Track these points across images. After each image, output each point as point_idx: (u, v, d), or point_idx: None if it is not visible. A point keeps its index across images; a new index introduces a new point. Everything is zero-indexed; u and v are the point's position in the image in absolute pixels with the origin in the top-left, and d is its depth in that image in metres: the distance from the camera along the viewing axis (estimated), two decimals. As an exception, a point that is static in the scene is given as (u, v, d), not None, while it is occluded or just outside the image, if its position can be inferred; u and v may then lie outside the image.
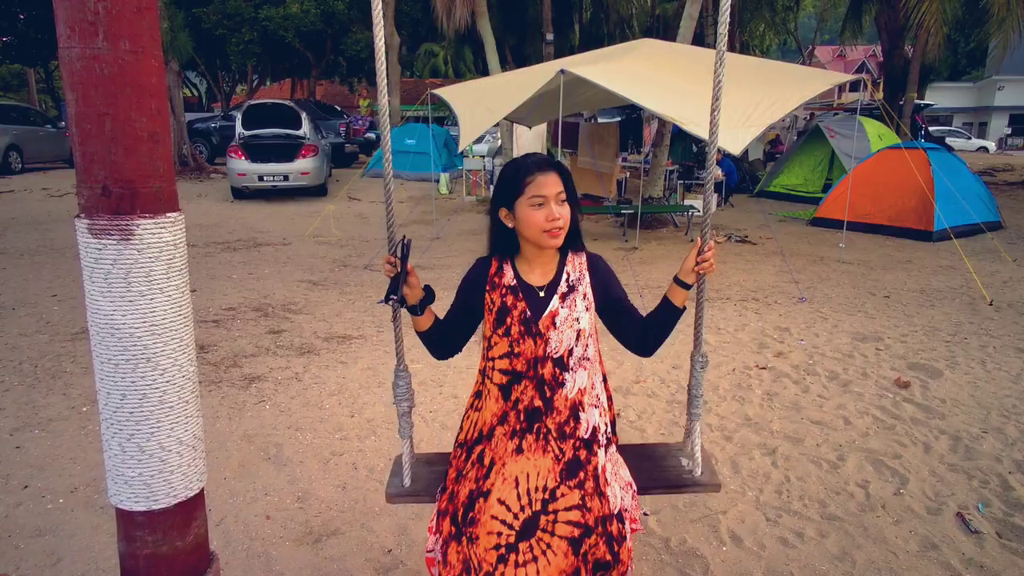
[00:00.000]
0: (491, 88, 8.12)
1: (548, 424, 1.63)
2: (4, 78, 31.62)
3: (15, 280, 6.28)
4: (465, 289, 1.75)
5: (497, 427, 1.67)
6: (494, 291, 1.68)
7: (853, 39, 19.24)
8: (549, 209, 1.59)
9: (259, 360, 4.36)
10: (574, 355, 1.64)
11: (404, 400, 1.88)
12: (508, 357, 1.65)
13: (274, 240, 8.79)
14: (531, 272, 1.69)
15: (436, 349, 1.82)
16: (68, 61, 1.25)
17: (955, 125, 35.73)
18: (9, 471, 2.95)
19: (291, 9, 19.65)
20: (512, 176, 1.63)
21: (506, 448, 1.64)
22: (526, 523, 1.52)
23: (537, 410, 1.64)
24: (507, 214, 1.66)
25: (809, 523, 2.63)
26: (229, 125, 16.30)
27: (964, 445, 3.26)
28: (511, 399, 1.65)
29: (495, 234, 1.71)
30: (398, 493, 1.88)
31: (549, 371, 1.63)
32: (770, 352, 4.58)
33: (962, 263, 6.98)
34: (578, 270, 1.70)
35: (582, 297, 1.67)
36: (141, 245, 1.31)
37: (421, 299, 1.73)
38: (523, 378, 1.64)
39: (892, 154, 9.37)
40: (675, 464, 2.01)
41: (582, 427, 1.65)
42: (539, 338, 1.63)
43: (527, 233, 1.62)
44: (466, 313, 1.75)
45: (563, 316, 1.64)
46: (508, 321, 1.64)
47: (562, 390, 1.64)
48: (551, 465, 1.60)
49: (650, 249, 8.41)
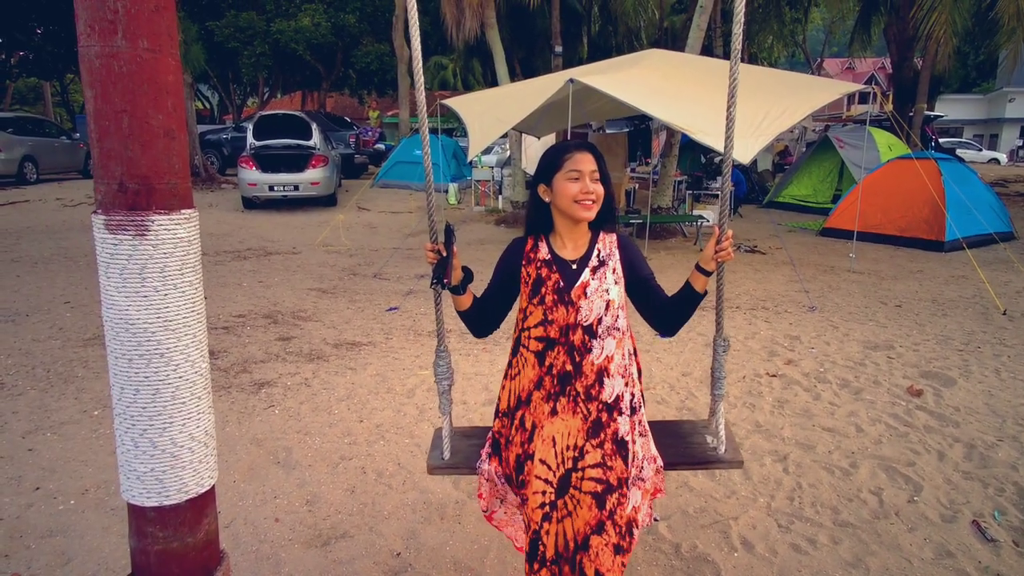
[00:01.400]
0: (500, 98, 8.17)
1: (577, 387, 1.74)
2: (21, 92, 32.09)
3: (29, 287, 6.34)
4: (503, 265, 1.87)
5: (534, 392, 1.78)
6: (529, 265, 1.80)
7: (862, 51, 19.23)
8: (584, 183, 1.72)
9: (268, 366, 4.38)
10: (603, 324, 1.74)
11: (444, 379, 1.97)
12: (543, 325, 1.76)
13: (284, 249, 8.84)
14: (564, 247, 1.81)
15: (476, 326, 1.92)
16: (87, 59, 1.26)
17: (966, 137, 35.53)
18: (21, 473, 2.96)
19: (302, 22, 19.87)
20: (553, 155, 1.78)
21: (543, 411, 1.76)
22: (561, 480, 1.66)
23: (568, 374, 1.75)
24: (545, 189, 1.79)
25: (822, 530, 2.60)
26: (240, 136, 16.45)
27: (979, 453, 3.22)
28: (545, 364, 1.76)
29: (532, 210, 1.84)
30: (438, 465, 1.97)
31: (579, 338, 1.74)
32: (780, 360, 4.55)
33: (974, 273, 6.92)
34: (608, 247, 1.81)
35: (611, 271, 1.78)
36: (156, 241, 1.32)
37: (462, 280, 1.84)
38: (556, 344, 1.75)
39: (902, 164, 9.34)
40: (700, 441, 2.07)
41: (606, 391, 1.74)
42: (571, 307, 1.74)
43: (562, 203, 1.75)
44: (503, 289, 1.86)
45: (594, 287, 1.75)
46: (543, 291, 1.76)
47: (590, 355, 1.74)
48: (580, 425, 1.73)
49: (659, 259, 8.39)
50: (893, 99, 15.73)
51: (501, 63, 12.28)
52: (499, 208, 13.22)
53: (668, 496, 2.84)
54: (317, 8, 20.38)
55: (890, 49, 16.72)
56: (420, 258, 8.27)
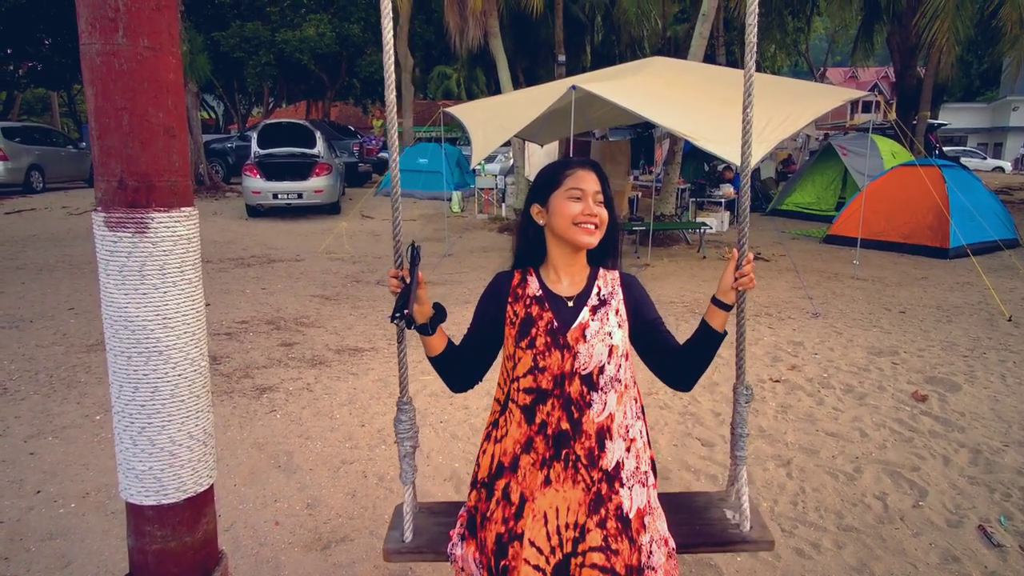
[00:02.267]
0: (503, 105, 8.20)
1: (577, 450, 1.45)
2: (29, 102, 32.37)
3: (34, 293, 6.37)
4: (484, 304, 1.58)
5: (522, 456, 1.48)
6: (517, 303, 1.53)
7: (864, 60, 19.27)
8: (587, 203, 1.47)
9: (271, 371, 4.38)
10: (605, 374, 1.46)
11: (407, 439, 1.63)
12: (533, 373, 1.47)
13: (287, 256, 8.86)
14: (558, 282, 1.54)
15: (451, 377, 1.62)
16: (88, 57, 1.27)
17: (970, 146, 35.52)
18: (23, 476, 2.97)
19: (307, 32, 20.01)
20: (551, 171, 1.54)
21: (534, 480, 1.46)
22: (558, 568, 1.37)
23: (564, 434, 1.45)
24: (539, 210, 1.53)
25: (825, 534, 2.58)
26: (245, 145, 16.55)
27: (985, 458, 3.19)
28: (536, 422, 1.47)
29: (522, 236, 1.58)
30: (398, 549, 1.64)
31: (576, 389, 1.46)
32: (784, 365, 4.53)
33: (979, 279, 6.89)
34: (610, 285, 1.55)
35: (614, 312, 1.51)
36: (156, 238, 1.32)
37: (431, 317, 1.55)
38: (549, 397, 1.46)
39: (906, 171, 9.33)
40: (719, 517, 1.77)
41: (607, 456, 1.46)
42: (567, 351, 1.46)
43: (559, 226, 1.49)
44: (485, 333, 1.57)
45: (594, 329, 1.47)
46: (533, 332, 1.48)
47: (590, 411, 1.46)
48: (581, 497, 1.44)
49: (662, 266, 8.39)
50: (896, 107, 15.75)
51: (504, 72, 12.34)
52: (502, 216, 13.25)
53: (670, 501, 2.82)
54: (322, 18, 20.54)
55: (893, 58, 16.76)
56: (424, 265, 8.22)
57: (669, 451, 3.29)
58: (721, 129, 5.68)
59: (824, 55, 35.54)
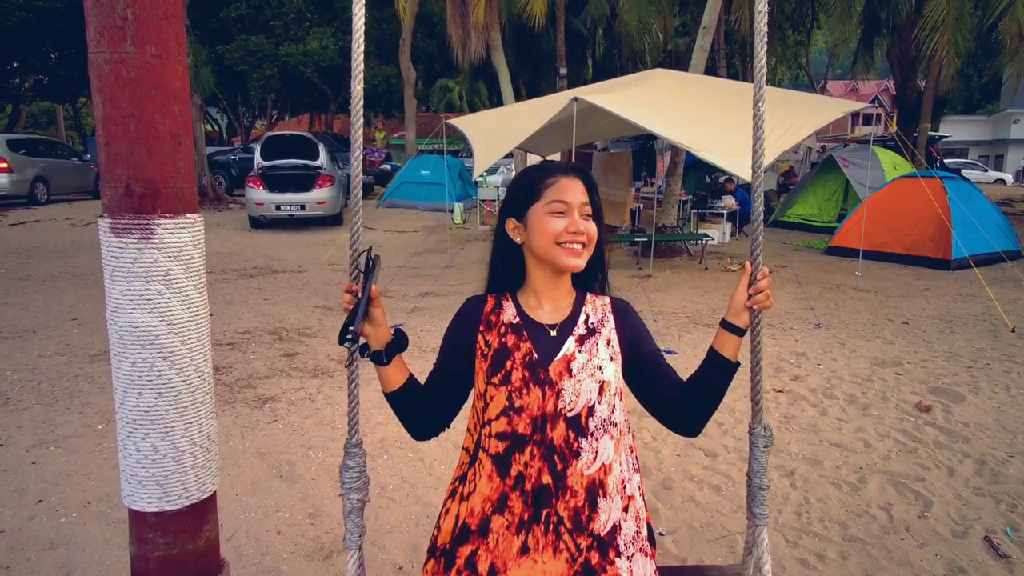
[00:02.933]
0: (505, 117, 8.25)
1: (560, 510, 1.20)
2: (34, 115, 32.64)
3: (37, 304, 6.39)
4: (452, 334, 1.35)
5: (494, 517, 1.22)
6: (489, 331, 1.29)
7: (865, 73, 19.38)
8: (571, 219, 1.25)
9: (273, 381, 4.37)
10: (596, 415, 1.23)
11: (355, 490, 1.35)
12: (507, 414, 1.23)
13: (290, 267, 8.88)
14: (539, 308, 1.32)
15: (411, 420, 1.37)
16: (96, 65, 1.29)
17: (970, 158, 35.61)
18: (24, 485, 2.96)
19: (311, 45, 20.19)
20: (528, 179, 1.30)
21: (508, 547, 1.21)
22: None
23: (546, 489, 1.20)
24: (515, 226, 1.30)
25: (830, 545, 2.56)
26: (248, 157, 16.66)
27: (990, 469, 3.17)
28: (511, 474, 1.22)
29: (497, 255, 1.36)
30: None
31: (561, 434, 1.21)
32: (787, 376, 4.52)
33: (982, 290, 6.88)
34: (600, 312, 1.32)
35: (605, 343, 1.28)
36: (161, 244, 1.33)
37: (388, 344, 1.31)
38: (527, 444, 1.22)
39: (907, 183, 9.35)
40: None
41: (599, 519, 1.21)
42: (549, 387, 1.22)
43: (538, 246, 1.26)
44: (453, 368, 1.33)
45: (581, 362, 1.24)
46: (508, 366, 1.24)
47: (576, 462, 1.21)
48: (564, 569, 1.19)
49: (664, 277, 8.39)
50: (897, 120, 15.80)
51: (507, 84, 12.43)
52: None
53: (674, 510, 2.81)
54: (325, 32, 20.73)
55: (893, 70, 16.85)
56: (426, 276, 8.30)
57: (672, 461, 3.28)
58: (723, 141, 5.71)
59: (825, 68, 35.72)
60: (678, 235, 10.37)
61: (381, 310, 1.30)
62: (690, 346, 5.18)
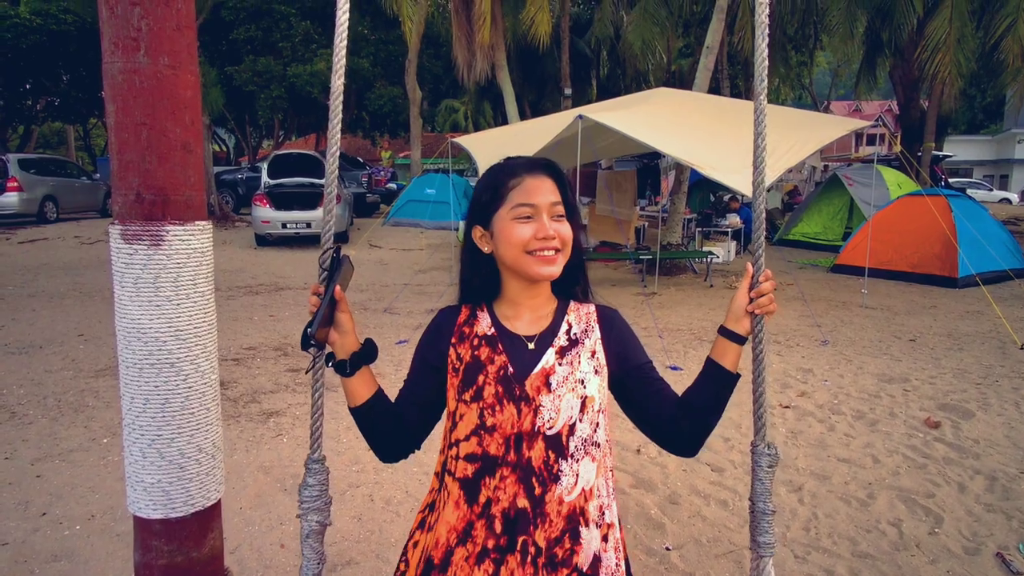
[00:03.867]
0: (511, 135, 8.32)
1: (538, 539, 1.08)
2: (45, 135, 33.06)
3: (44, 320, 6.42)
4: (423, 347, 1.23)
5: (457, 548, 1.11)
6: (462, 343, 1.18)
7: (868, 93, 19.47)
8: (540, 223, 1.12)
9: (278, 396, 4.37)
10: (577, 434, 1.11)
11: (313, 510, 1.22)
12: (477, 434, 1.11)
13: (295, 284, 8.91)
14: (516, 318, 1.20)
15: (376, 440, 1.23)
16: (111, 75, 1.31)
17: (975, 178, 35.63)
18: (29, 498, 2.95)
19: (318, 67, 20.44)
20: (491, 182, 1.17)
21: None
22: None
23: (522, 514, 1.09)
24: (482, 234, 1.18)
25: (840, 560, 2.52)
26: (255, 176, 16.80)
27: (1001, 485, 3.14)
28: (479, 501, 1.10)
29: (468, 265, 1.23)
30: None
31: (539, 454, 1.10)
32: (793, 392, 4.49)
33: (989, 308, 6.85)
34: (584, 321, 1.21)
35: (589, 355, 1.16)
36: (170, 251, 1.34)
37: (354, 353, 1.18)
38: (499, 465, 1.10)
39: (912, 201, 9.35)
40: None
41: (581, 552, 1.10)
42: (525, 404, 1.11)
43: (507, 256, 1.14)
44: (424, 385, 1.21)
45: (561, 375, 1.13)
46: (480, 380, 1.13)
47: (556, 486, 1.09)
48: None
49: (669, 294, 8.38)
50: (901, 140, 15.85)
51: (511, 104, 12.55)
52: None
53: (680, 525, 2.78)
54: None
55: (896, 91, 16.93)
56: (431, 293, 8.31)
57: (678, 475, 3.25)
58: (727, 158, 5.74)
59: (828, 89, 35.94)
60: (683, 253, 10.38)
61: (348, 315, 1.17)
62: (695, 363, 5.16)
